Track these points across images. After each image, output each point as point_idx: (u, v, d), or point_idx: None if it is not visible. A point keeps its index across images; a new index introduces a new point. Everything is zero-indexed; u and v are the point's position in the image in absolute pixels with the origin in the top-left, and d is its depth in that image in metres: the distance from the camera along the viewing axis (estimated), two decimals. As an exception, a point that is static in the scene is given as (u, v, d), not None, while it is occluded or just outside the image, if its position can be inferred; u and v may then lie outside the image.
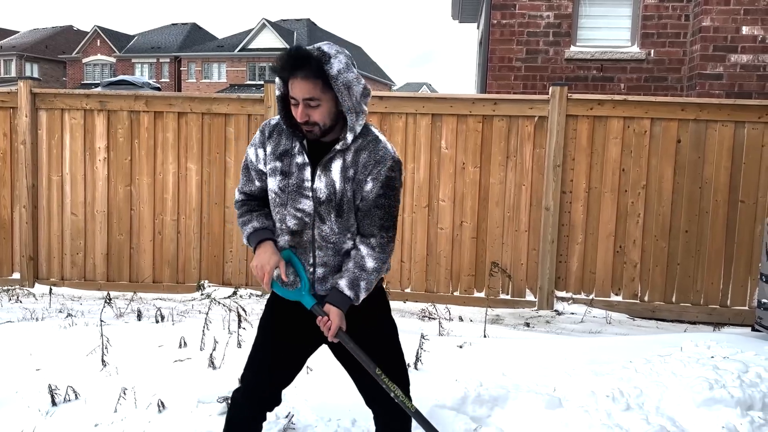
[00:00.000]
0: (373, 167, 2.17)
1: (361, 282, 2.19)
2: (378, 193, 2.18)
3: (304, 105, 2.08)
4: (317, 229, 2.22)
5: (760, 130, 5.85)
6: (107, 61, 49.53)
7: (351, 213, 2.22)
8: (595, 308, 5.97)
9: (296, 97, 2.08)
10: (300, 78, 2.06)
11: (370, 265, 2.20)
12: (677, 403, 2.91)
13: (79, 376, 3.44)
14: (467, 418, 3.00)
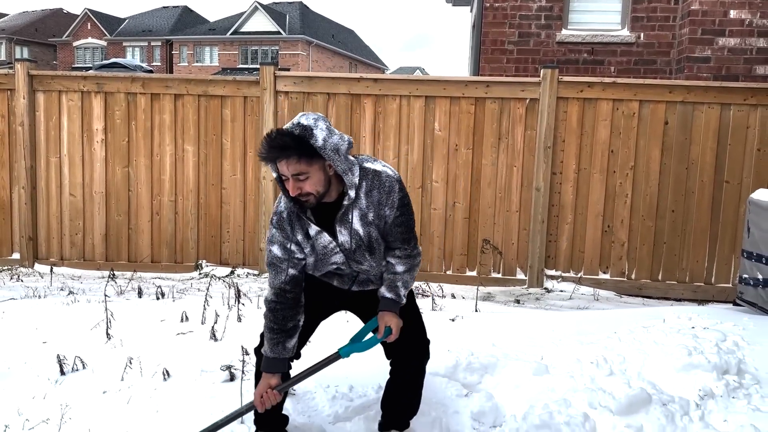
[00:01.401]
0: (386, 198, 2.37)
1: (397, 283, 2.49)
2: (396, 215, 2.41)
3: (294, 180, 2.21)
4: (355, 267, 2.48)
5: (745, 112, 5.99)
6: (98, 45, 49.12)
7: (382, 245, 2.46)
8: (583, 286, 6.14)
9: (285, 174, 2.22)
10: (284, 159, 2.19)
11: (400, 269, 2.50)
12: (658, 369, 3.07)
13: (85, 348, 3.56)
14: (459, 384, 3.15)
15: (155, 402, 2.98)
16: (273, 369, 2.40)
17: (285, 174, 2.22)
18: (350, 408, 2.96)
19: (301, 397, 3.05)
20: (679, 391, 2.93)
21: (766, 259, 4.51)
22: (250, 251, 6.58)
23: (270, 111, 6.34)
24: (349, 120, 6.36)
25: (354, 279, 2.53)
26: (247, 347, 3.12)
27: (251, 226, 6.54)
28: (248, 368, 3.12)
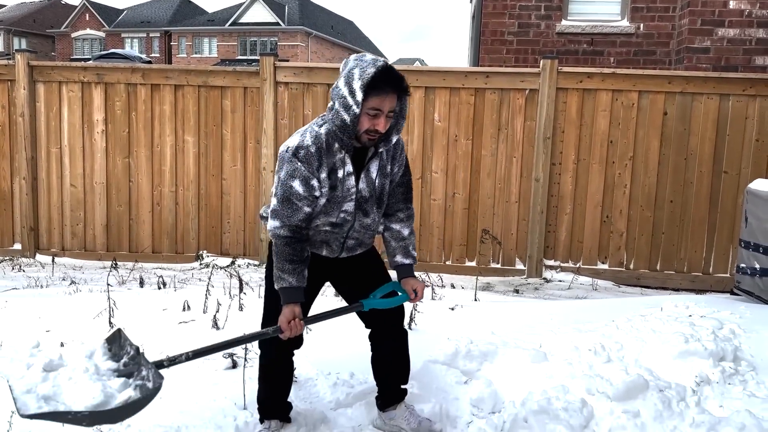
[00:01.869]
0: (399, 156, 2.51)
1: (409, 248, 2.64)
2: (401, 173, 2.54)
3: (386, 117, 2.29)
4: (358, 221, 2.50)
5: (744, 102, 6.01)
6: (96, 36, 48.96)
7: (385, 200, 2.53)
8: (582, 276, 6.18)
9: (383, 109, 2.26)
10: (392, 94, 2.27)
11: (406, 232, 2.64)
12: (655, 356, 3.10)
13: (88, 337, 3.59)
14: (458, 371, 3.19)
15: (158, 389, 3.01)
16: (298, 298, 2.37)
17: (382, 108, 2.26)
18: (351, 394, 3.00)
19: (302, 384, 3.09)
20: (676, 378, 2.97)
21: (763, 249, 4.55)
22: (251, 242, 6.61)
23: (270, 102, 6.35)
24: (349, 111, 6.36)
25: (343, 245, 2.53)
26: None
27: (251, 216, 6.57)
28: (250, 356, 3.16)
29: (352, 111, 2.23)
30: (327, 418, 2.84)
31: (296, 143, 2.33)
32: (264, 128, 6.39)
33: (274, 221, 2.36)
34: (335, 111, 2.29)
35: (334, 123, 2.30)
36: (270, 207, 2.41)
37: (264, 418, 2.69)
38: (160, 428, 2.67)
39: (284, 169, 2.34)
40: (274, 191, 2.39)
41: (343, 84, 2.27)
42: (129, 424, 2.69)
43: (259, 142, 6.45)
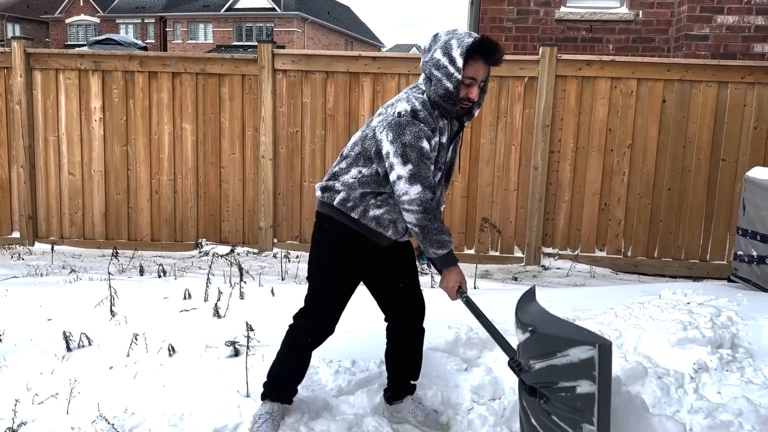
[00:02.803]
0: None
1: None
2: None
3: (479, 85, 2.39)
4: (440, 193, 2.55)
5: (742, 90, 6.02)
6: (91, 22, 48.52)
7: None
8: (580, 263, 6.21)
9: (477, 77, 2.36)
10: (488, 63, 2.38)
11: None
12: (653, 343, 3.14)
13: (90, 325, 3.61)
14: (459, 359, 3.22)
15: (161, 377, 3.04)
16: (454, 261, 2.45)
17: (476, 77, 2.36)
18: (353, 382, 3.02)
19: (304, 371, 3.11)
20: (674, 365, 3.00)
21: (761, 236, 4.57)
22: (250, 230, 6.61)
23: (268, 89, 6.33)
24: (348, 98, 6.36)
25: (406, 229, 2.53)
26: (252, 323, 3.17)
27: (250, 204, 6.57)
28: (252, 343, 3.18)
29: (455, 78, 2.31)
30: (329, 405, 2.87)
31: (410, 107, 2.34)
32: (262, 116, 6.37)
33: (414, 186, 2.30)
34: (437, 79, 2.34)
35: (437, 92, 2.35)
36: (397, 175, 2.32)
37: (268, 399, 2.64)
38: (164, 416, 2.69)
39: (407, 132, 2.31)
40: (397, 159, 2.31)
41: (441, 54, 2.34)
42: (133, 411, 2.72)
43: (257, 130, 6.44)
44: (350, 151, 2.52)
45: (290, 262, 5.97)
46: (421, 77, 2.46)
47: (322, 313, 2.59)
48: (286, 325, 3.59)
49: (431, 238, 2.37)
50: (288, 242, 6.56)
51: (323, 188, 2.54)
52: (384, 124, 2.38)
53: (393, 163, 2.33)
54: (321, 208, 2.58)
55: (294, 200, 6.54)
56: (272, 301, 4.11)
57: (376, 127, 2.42)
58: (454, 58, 2.30)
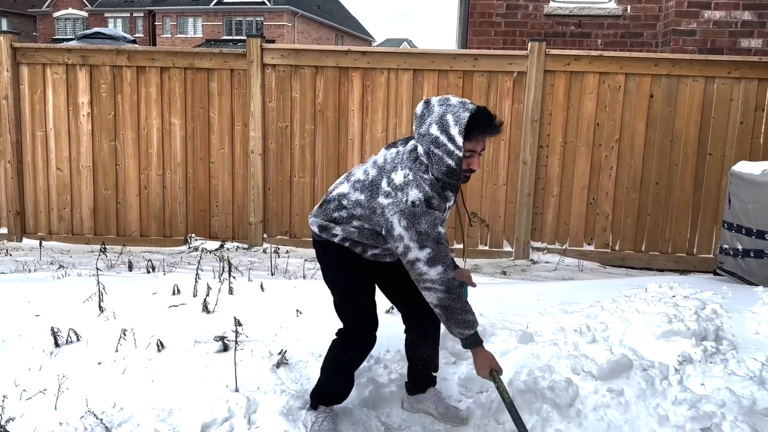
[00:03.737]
0: None
1: None
2: None
3: (478, 156, 2.41)
4: None
5: (729, 85, 6.06)
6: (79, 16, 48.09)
7: None
8: (568, 257, 6.26)
9: (477, 149, 2.37)
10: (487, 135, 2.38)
11: None
12: (639, 336, 3.17)
13: (79, 321, 3.60)
14: (447, 352, 3.24)
15: (150, 372, 3.04)
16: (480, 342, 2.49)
17: (476, 150, 2.37)
18: (342, 376, 3.03)
19: (293, 366, 3.13)
20: (659, 357, 3.04)
21: (746, 230, 4.62)
22: (239, 225, 6.61)
23: (257, 84, 6.32)
24: (338, 93, 6.36)
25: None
26: (241, 319, 3.18)
27: (240, 199, 6.57)
28: (241, 338, 3.18)
29: (456, 156, 2.31)
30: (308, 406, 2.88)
31: (422, 196, 2.34)
32: (252, 111, 6.36)
33: (434, 268, 2.33)
34: (438, 157, 2.33)
35: (440, 170, 2.35)
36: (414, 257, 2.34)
37: (322, 405, 2.74)
38: (153, 410, 2.70)
39: (423, 222, 2.32)
40: (413, 244, 2.32)
41: (438, 131, 2.31)
42: (122, 406, 2.73)
43: (246, 124, 6.43)
44: (351, 207, 2.51)
45: (280, 258, 5.97)
46: (420, 148, 2.41)
47: (364, 325, 2.65)
48: (275, 320, 3.62)
49: (456, 318, 2.38)
50: (278, 237, 6.56)
51: (321, 228, 2.59)
52: (396, 210, 2.35)
53: (408, 246, 2.34)
54: (319, 238, 2.65)
55: (284, 195, 6.53)
56: (262, 297, 4.12)
57: (386, 208, 2.39)
58: (453, 137, 2.29)
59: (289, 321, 3.62)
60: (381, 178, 2.44)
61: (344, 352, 2.69)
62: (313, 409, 2.74)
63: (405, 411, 2.88)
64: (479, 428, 2.72)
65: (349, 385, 2.75)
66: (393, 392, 2.97)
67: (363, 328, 2.65)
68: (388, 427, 2.77)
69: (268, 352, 3.20)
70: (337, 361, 2.71)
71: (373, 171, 2.50)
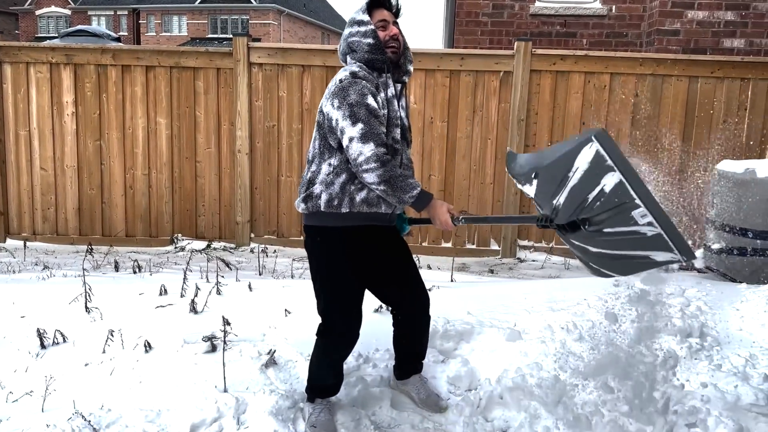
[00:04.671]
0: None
1: None
2: None
3: (393, 25, 2.52)
4: (404, 153, 2.60)
5: (712, 84, 6.14)
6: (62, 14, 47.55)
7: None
8: (554, 255, 6.30)
9: (388, 20, 2.52)
10: (389, 11, 2.54)
11: None
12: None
13: (65, 322, 3.57)
14: (435, 351, 3.26)
15: (138, 373, 3.03)
16: (429, 194, 2.42)
17: (386, 19, 2.51)
18: (331, 375, 3.04)
19: (282, 366, 3.13)
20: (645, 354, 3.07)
21: (729, 228, 4.68)
22: (226, 225, 6.58)
23: (244, 83, 6.29)
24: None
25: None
26: (229, 318, 3.17)
27: (227, 199, 6.54)
28: (230, 338, 3.18)
29: (369, 29, 2.46)
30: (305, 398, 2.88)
31: (348, 71, 2.42)
32: (238, 110, 6.34)
33: (367, 144, 2.29)
34: (357, 44, 2.48)
35: (363, 51, 2.47)
36: (349, 137, 2.32)
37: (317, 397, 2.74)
38: (141, 412, 2.68)
39: (351, 92, 2.35)
40: (347, 122, 2.32)
41: (348, 27, 2.54)
42: (110, 408, 2.71)
43: (233, 124, 6.40)
44: (313, 151, 2.54)
45: (268, 257, 5.96)
46: (348, 58, 2.56)
47: (342, 322, 2.62)
48: (264, 320, 3.61)
49: (399, 185, 2.33)
50: (265, 237, 6.55)
51: (304, 199, 2.53)
52: (328, 95, 2.44)
53: (344, 128, 2.33)
54: (309, 220, 2.57)
55: (271, 195, 6.52)
56: (250, 297, 4.11)
57: (323, 104, 2.48)
58: (360, 19, 2.49)
59: (278, 321, 3.62)
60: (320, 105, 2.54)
61: (324, 350, 2.68)
62: (310, 402, 2.77)
63: (394, 410, 2.89)
64: (467, 425, 2.73)
65: (337, 380, 2.76)
66: (382, 391, 2.97)
67: (341, 325, 2.62)
68: (378, 426, 2.77)
69: (257, 352, 3.20)
70: (320, 357, 2.71)
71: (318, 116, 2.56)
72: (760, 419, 2.62)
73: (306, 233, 2.62)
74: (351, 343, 2.68)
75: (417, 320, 2.83)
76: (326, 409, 2.73)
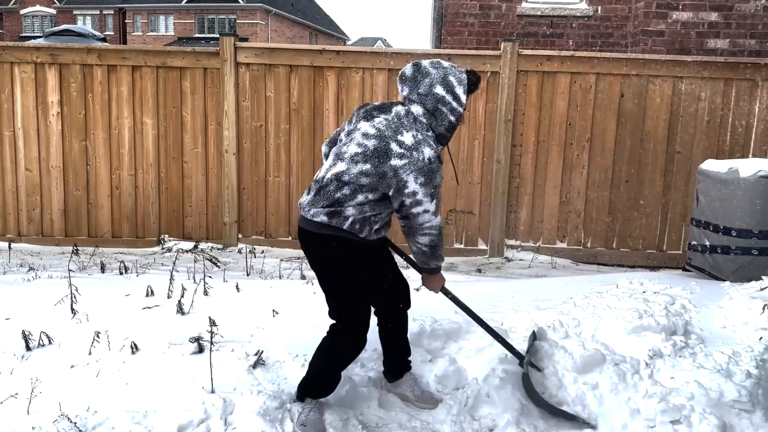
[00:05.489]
0: None
1: None
2: None
3: None
4: None
5: (696, 85, 6.20)
6: (47, 13, 47.12)
7: None
8: (541, 255, 6.34)
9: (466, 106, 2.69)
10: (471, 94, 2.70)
11: None
12: (610, 331, 3.24)
13: (50, 324, 3.55)
14: (423, 350, 3.27)
15: (124, 375, 3.01)
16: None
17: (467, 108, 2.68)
18: (318, 375, 3.04)
19: (270, 366, 3.12)
20: (630, 352, 3.10)
21: (713, 227, 4.74)
22: (214, 225, 6.56)
23: (231, 83, 6.28)
24: (312, 93, 6.35)
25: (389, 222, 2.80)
26: (216, 319, 3.16)
27: (214, 199, 6.52)
28: (217, 339, 3.17)
29: (458, 112, 2.61)
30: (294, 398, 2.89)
31: (434, 152, 2.54)
32: (225, 110, 6.32)
33: (436, 218, 2.62)
34: (443, 115, 2.59)
35: (443, 126, 2.61)
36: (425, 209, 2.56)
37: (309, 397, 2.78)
38: (128, 413, 2.67)
39: (437, 177, 2.56)
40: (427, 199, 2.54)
41: (444, 91, 2.59)
42: (96, 410, 2.70)
43: (220, 124, 6.38)
44: (355, 180, 2.55)
45: (255, 258, 5.94)
46: (419, 109, 2.60)
47: (358, 323, 2.69)
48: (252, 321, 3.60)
49: (438, 254, 2.72)
50: (253, 237, 6.53)
51: (329, 214, 2.59)
52: (413, 168, 2.49)
53: (422, 201, 2.54)
54: (324, 230, 2.61)
55: (259, 195, 6.50)
56: (237, 297, 4.10)
57: (400, 168, 2.49)
58: (458, 96, 2.59)
59: (266, 321, 3.62)
60: (387, 143, 2.53)
61: (337, 351, 2.73)
62: (300, 401, 2.78)
63: (382, 409, 2.90)
64: (455, 424, 2.75)
65: (337, 381, 2.80)
66: (370, 391, 2.98)
67: (360, 329, 2.70)
68: (365, 425, 2.78)
69: (245, 352, 3.19)
70: (329, 359, 2.74)
71: (371, 141, 2.55)
72: (743, 415, 2.66)
73: (319, 241, 2.66)
74: (363, 344, 2.74)
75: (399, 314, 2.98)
76: (316, 408, 2.75)
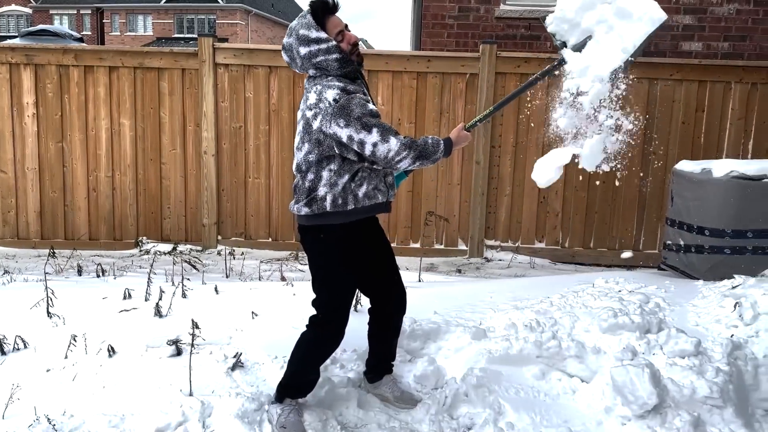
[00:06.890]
0: None
1: None
2: None
3: (346, 28, 2.59)
4: None
5: (671, 86, 6.31)
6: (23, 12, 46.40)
7: None
8: (520, 255, 6.40)
9: (340, 26, 2.57)
10: (335, 12, 2.60)
11: None
12: (586, 330, 3.28)
13: (26, 328, 3.51)
14: (403, 350, 3.29)
15: (101, 378, 2.99)
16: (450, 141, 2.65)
17: (339, 27, 2.56)
18: (298, 377, 3.04)
19: (249, 368, 3.12)
20: (605, 349, 3.14)
21: (687, 226, 4.82)
22: (193, 227, 6.52)
23: (210, 84, 6.25)
24: (292, 94, 6.34)
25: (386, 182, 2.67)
26: (197, 321, 3.15)
27: (193, 201, 6.48)
28: (196, 341, 3.16)
29: (330, 45, 2.51)
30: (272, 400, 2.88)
31: (337, 89, 2.47)
32: (204, 111, 6.29)
33: (388, 142, 2.44)
34: (324, 60, 2.52)
35: (334, 69, 2.53)
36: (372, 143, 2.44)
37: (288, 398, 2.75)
38: (105, 417, 2.65)
39: (353, 108, 2.43)
40: (362, 133, 2.43)
41: (303, 46, 2.53)
42: (72, 413, 2.68)
43: (199, 125, 6.35)
44: (306, 163, 2.57)
45: (235, 259, 5.92)
46: (311, 71, 2.61)
47: (338, 314, 2.69)
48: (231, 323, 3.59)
49: (428, 153, 2.55)
50: (233, 239, 6.50)
51: (307, 203, 2.59)
52: (328, 117, 2.47)
53: (362, 139, 2.44)
54: (310, 221, 2.62)
55: (238, 196, 6.48)
56: (216, 299, 4.08)
57: (322, 124, 2.49)
58: (316, 37, 2.51)
59: (245, 323, 3.61)
60: (303, 114, 2.59)
61: (316, 343, 2.72)
62: (279, 402, 2.76)
63: (361, 410, 2.91)
64: (434, 423, 2.77)
65: (316, 378, 2.80)
66: (349, 392, 2.99)
67: (340, 321, 2.69)
68: (344, 426, 2.79)
69: (223, 355, 3.18)
70: (307, 351, 2.73)
71: (299, 125, 2.63)
72: (714, 411, 2.71)
73: (305, 233, 2.67)
74: (341, 337, 2.73)
75: (393, 318, 2.93)
76: (295, 410, 2.74)
